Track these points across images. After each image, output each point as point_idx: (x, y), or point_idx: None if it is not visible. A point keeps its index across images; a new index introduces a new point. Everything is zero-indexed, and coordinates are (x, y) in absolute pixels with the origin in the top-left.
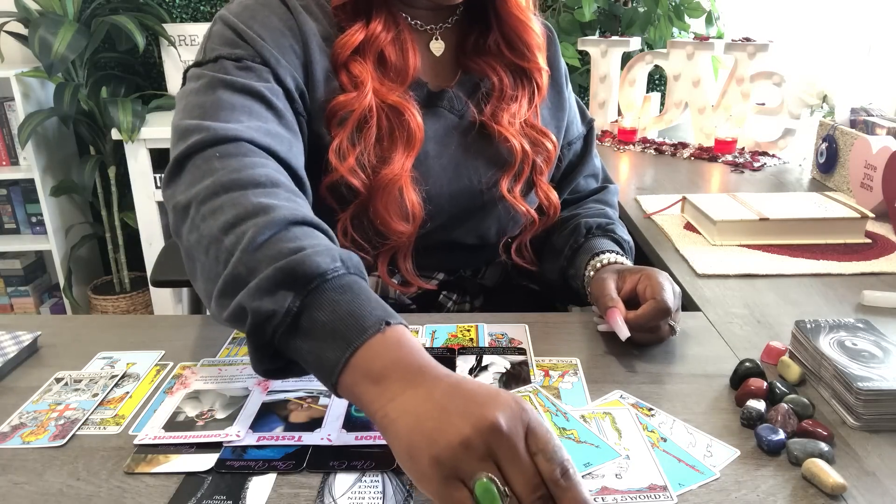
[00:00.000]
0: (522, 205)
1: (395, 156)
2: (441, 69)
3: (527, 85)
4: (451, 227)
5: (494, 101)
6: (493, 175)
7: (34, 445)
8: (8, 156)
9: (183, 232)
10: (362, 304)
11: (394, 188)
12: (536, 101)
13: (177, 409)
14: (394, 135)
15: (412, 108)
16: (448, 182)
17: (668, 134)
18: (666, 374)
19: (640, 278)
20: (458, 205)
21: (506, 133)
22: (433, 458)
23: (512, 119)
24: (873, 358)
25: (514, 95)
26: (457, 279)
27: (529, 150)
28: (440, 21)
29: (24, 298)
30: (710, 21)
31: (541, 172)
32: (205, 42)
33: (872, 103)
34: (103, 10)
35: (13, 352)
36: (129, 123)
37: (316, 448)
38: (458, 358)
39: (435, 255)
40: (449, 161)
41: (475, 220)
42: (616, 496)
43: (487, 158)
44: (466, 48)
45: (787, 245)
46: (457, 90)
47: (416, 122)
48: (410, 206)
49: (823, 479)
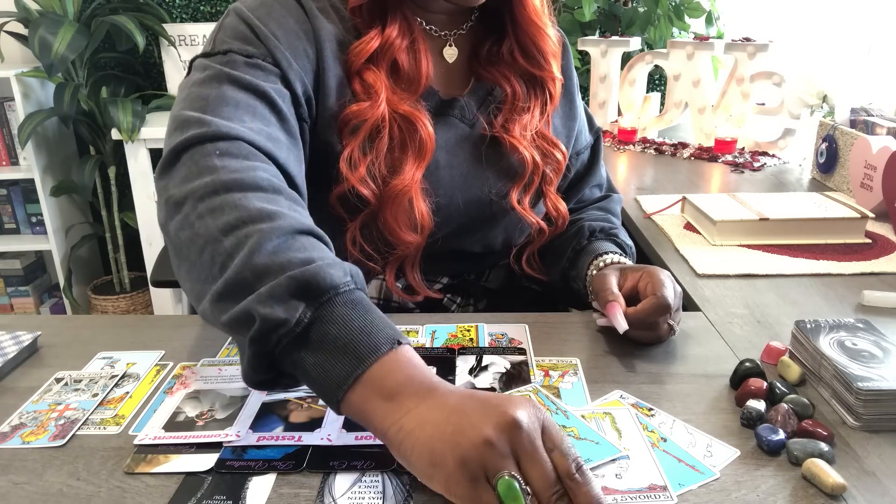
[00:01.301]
0: (532, 216)
1: (405, 166)
2: (453, 76)
3: (539, 94)
4: (458, 236)
5: (506, 111)
6: (504, 186)
7: (34, 445)
8: (8, 156)
9: (171, 227)
10: (374, 322)
11: (403, 199)
12: (548, 111)
13: (177, 409)
14: (405, 144)
15: (424, 117)
16: (458, 192)
17: (668, 134)
18: (666, 374)
19: (642, 276)
20: (468, 215)
21: (517, 144)
22: (459, 460)
23: (524, 129)
24: (873, 358)
25: (527, 106)
26: (460, 282)
27: (539, 161)
28: (455, 27)
29: (24, 298)
30: (710, 21)
31: (550, 183)
32: (215, 33)
33: (872, 103)
34: (103, 10)
35: (13, 352)
36: (129, 123)
37: (316, 448)
38: (458, 358)
39: (441, 262)
40: (459, 171)
41: (483, 230)
42: (616, 496)
43: (498, 169)
44: (480, 56)
45: (787, 245)
46: (468, 98)
47: (428, 132)
48: (420, 217)
49: (823, 479)
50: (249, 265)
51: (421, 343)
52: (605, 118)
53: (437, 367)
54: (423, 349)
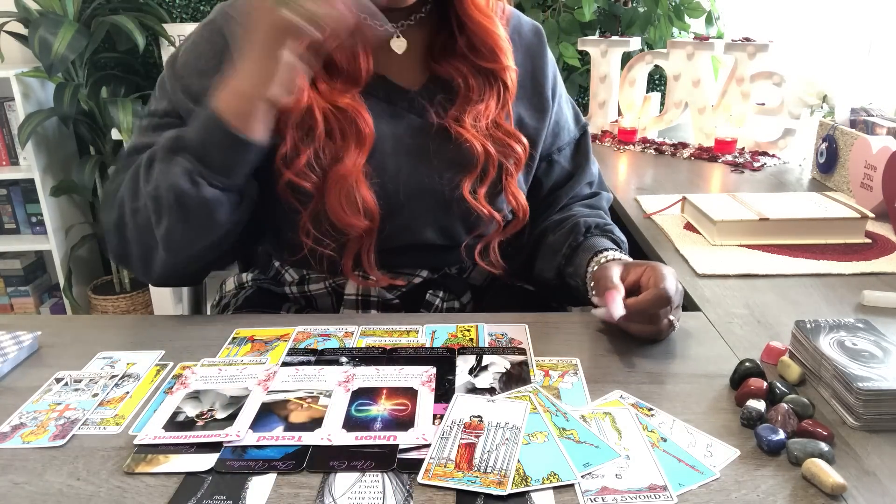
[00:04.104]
0: (485, 207)
1: (347, 154)
2: (409, 67)
3: (494, 85)
4: (416, 226)
5: (460, 104)
6: (455, 176)
7: (34, 445)
8: (8, 156)
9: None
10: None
11: (346, 183)
12: (508, 102)
13: (177, 409)
14: (346, 135)
15: (362, 109)
16: (406, 180)
17: (668, 134)
18: (666, 374)
19: (646, 270)
20: (421, 204)
21: (466, 135)
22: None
23: (476, 121)
24: (873, 358)
25: (481, 97)
26: (441, 277)
27: (494, 152)
28: (400, 19)
29: (24, 298)
30: (710, 21)
31: (510, 175)
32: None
33: (872, 103)
34: (103, 10)
35: (13, 352)
36: (129, 123)
37: (316, 448)
38: (458, 358)
39: (410, 253)
40: (407, 160)
41: (440, 220)
42: (616, 496)
43: (449, 160)
44: (434, 50)
45: (787, 245)
46: (421, 91)
47: (366, 123)
48: (363, 202)
49: (823, 479)
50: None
51: (421, 343)
52: (605, 118)
53: (438, 367)
54: (423, 349)
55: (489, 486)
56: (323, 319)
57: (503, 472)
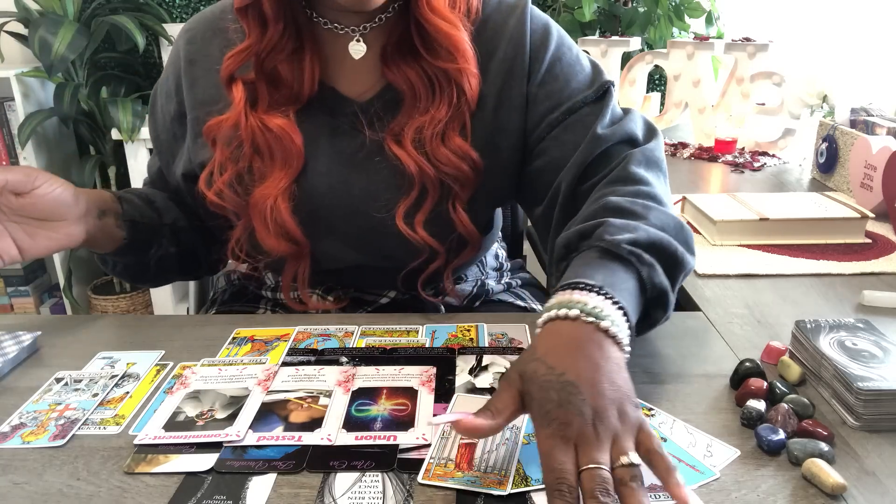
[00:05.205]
0: (416, 235)
1: (272, 175)
2: (362, 75)
3: (447, 89)
4: (354, 248)
5: (403, 114)
6: (392, 199)
7: (34, 445)
8: (8, 156)
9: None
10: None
11: (265, 206)
12: (465, 111)
13: (177, 409)
14: (273, 154)
15: (291, 130)
16: (336, 202)
17: (668, 134)
18: (666, 374)
19: None
20: (354, 228)
21: (400, 153)
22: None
23: (419, 134)
24: (873, 358)
25: (429, 106)
26: (412, 299)
27: (432, 173)
28: (362, 21)
29: (24, 298)
30: (710, 21)
31: (456, 198)
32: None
33: (872, 103)
34: (103, 10)
35: (13, 352)
36: (129, 123)
37: (316, 448)
38: (458, 358)
39: (358, 274)
40: (339, 180)
41: (378, 244)
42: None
43: (383, 180)
44: (386, 52)
45: (787, 245)
46: (367, 103)
47: (294, 143)
48: (283, 225)
49: (823, 479)
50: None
51: (421, 343)
52: None
53: (437, 367)
54: (423, 349)
55: (489, 486)
56: (323, 319)
57: (503, 472)
